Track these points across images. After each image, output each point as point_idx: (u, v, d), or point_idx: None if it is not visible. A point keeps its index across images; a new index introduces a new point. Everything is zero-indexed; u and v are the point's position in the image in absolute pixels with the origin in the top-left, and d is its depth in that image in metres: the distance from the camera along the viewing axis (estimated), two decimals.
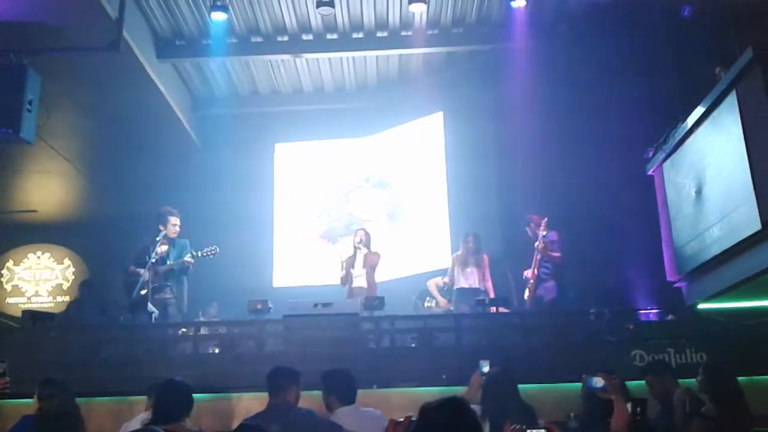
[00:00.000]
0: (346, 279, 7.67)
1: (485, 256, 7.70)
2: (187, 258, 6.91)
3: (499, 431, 2.46)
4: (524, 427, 2.45)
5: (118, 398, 4.95)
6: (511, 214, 8.29)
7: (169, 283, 6.94)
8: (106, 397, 5.10)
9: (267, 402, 3.93)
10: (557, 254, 7.12)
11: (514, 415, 3.05)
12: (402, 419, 2.56)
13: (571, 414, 4.33)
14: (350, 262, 7.71)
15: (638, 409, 3.03)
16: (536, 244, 7.15)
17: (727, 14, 6.13)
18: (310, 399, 4.19)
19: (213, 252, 7.03)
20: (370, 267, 7.59)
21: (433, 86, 9.84)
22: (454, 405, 2.30)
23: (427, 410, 2.27)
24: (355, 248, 7.70)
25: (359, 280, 7.57)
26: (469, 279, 7.56)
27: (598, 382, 3.38)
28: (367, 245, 7.73)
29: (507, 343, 5.74)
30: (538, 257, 7.16)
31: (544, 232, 7.10)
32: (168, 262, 6.92)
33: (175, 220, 7.07)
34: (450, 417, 2.23)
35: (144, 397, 4.40)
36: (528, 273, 7.31)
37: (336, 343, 5.53)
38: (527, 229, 7.43)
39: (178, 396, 3.62)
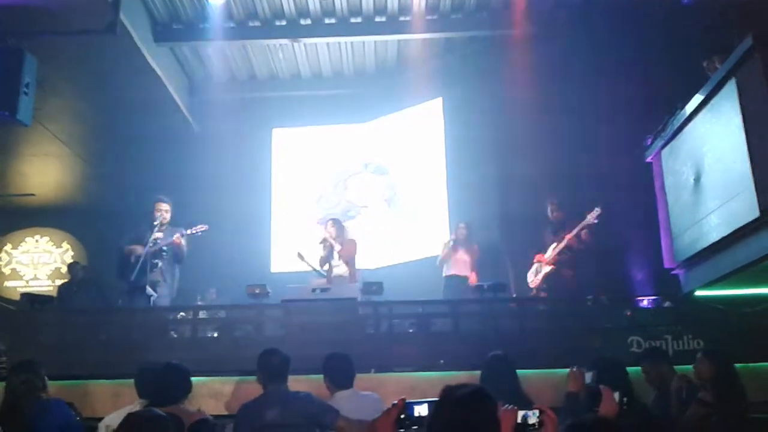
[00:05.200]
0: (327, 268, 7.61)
1: (476, 247, 7.70)
2: (176, 237, 6.71)
3: None
4: (516, 407, 2.46)
5: (117, 381, 4.96)
6: (510, 201, 8.28)
7: (159, 264, 6.75)
8: (105, 380, 5.11)
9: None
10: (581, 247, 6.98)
11: (508, 398, 3.06)
12: (396, 402, 2.56)
13: None
14: (328, 253, 7.62)
15: (624, 399, 3.09)
16: (573, 234, 6.93)
17: (728, 1, 6.11)
18: (308, 383, 4.22)
19: (202, 229, 6.83)
20: (350, 257, 7.51)
21: (432, 72, 9.80)
22: (477, 396, 2.22)
23: (451, 400, 2.21)
24: (329, 243, 7.60)
25: (338, 269, 7.51)
26: (459, 266, 7.54)
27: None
28: (341, 236, 7.66)
29: (505, 329, 5.77)
30: (564, 244, 6.97)
31: (594, 221, 6.90)
32: (163, 248, 6.86)
33: (161, 206, 6.90)
34: (471, 409, 2.17)
35: None
36: (545, 257, 7.14)
37: (334, 328, 5.53)
38: (555, 208, 7.22)
39: (176, 378, 3.64)
